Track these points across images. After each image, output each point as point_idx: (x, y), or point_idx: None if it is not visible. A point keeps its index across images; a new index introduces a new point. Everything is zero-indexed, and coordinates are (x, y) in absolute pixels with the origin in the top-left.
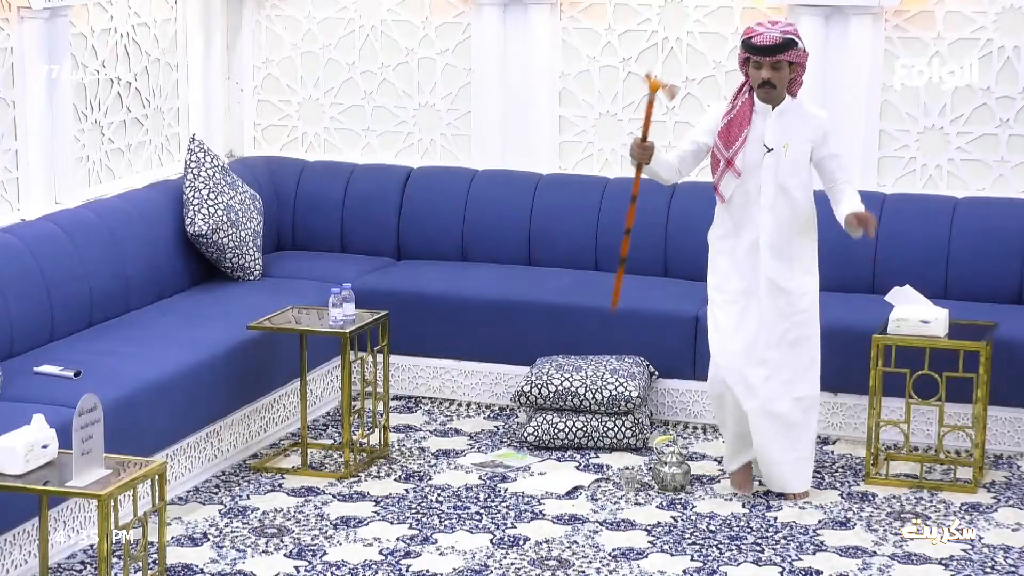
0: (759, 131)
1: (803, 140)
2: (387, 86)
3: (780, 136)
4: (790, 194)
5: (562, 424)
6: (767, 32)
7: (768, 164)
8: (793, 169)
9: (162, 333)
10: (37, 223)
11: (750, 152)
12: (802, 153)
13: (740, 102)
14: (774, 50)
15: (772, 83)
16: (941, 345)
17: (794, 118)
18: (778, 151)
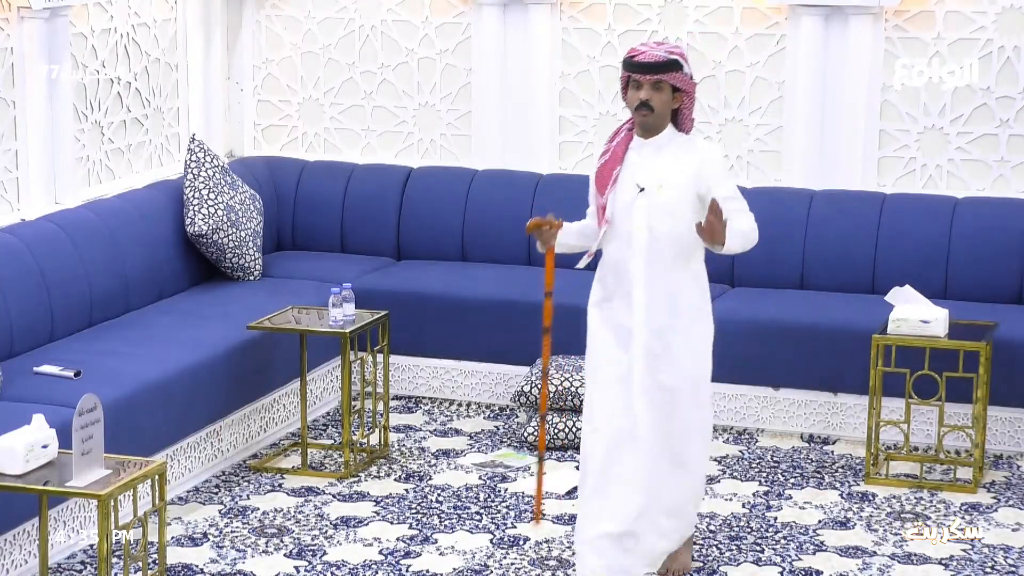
0: (632, 169)
1: (681, 178)
2: (387, 86)
3: (655, 174)
4: (668, 243)
5: (562, 424)
6: (650, 51)
7: (640, 206)
8: (669, 212)
9: (162, 333)
10: (37, 223)
11: (621, 193)
12: (681, 194)
13: (617, 140)
14: (656, 68)
15: (650, 105)
16: (941, 345)
17: (674, 154)
18: (650, 190)
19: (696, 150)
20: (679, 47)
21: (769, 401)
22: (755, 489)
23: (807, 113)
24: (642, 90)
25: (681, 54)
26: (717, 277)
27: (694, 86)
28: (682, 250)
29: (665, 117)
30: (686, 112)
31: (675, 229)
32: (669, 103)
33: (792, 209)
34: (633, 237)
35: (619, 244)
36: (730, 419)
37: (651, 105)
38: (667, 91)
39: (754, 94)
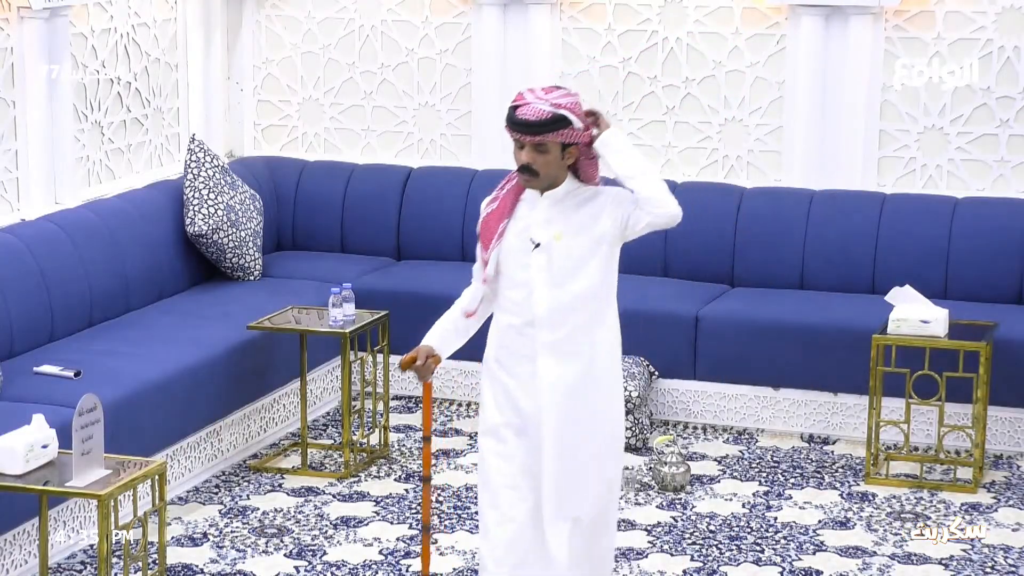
0: (524, 222)
1: (586, 224)
2: (387, 86)
3: (552, 224)
4: (572, 306)
5: None
6: (534, 103)
7: (537, 263)
8: (573, 265)
9: (162, 333)
10: (37, 223)
11: (511, 250)
12: (586, 244)
13: (507, 189)
14: (538, 128)
15: (534, 169)
16: (941, 345)
17: (574, 204)
18: (548, 245)
19: (599, 195)
20: (572, 96)
21: (769, 401)
22: (755, 489)
23: (807, 113)
24: (524, 151)
25: (570, 106)
26: (716, 277)
27: (589, 136)
28: (590, 315)
29: (557, 175)
30: (585, 164)
31: (580, 286)
32: (558, 163)
33: (792, 209)
34: (531, 302)
35: (512, 312)
36: (730, 419)
37: (535, 169)
38: (554, 151)
39: (754, 94)
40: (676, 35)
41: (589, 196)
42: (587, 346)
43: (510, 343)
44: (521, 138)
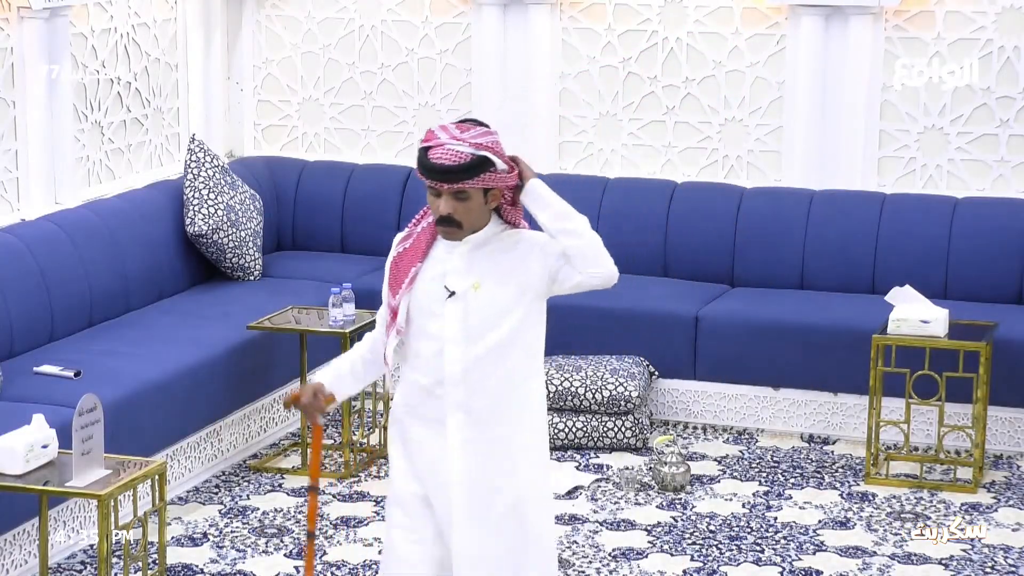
0: (440, 267)
1: (510, 272)
2: (387, 86)
3: (470, 271)
4: (491, 363)
5: (562, 424)
6: (450, 145)
7: (452, 315)
8: (492, 318)
9: (162, 333)
10: (37, 223)
11: (423, 298)
12: (508, 294)
13: (423, 226)
14: (458, 173)
15: (455, 220)
16: (941, 345)
17: (497, 249)
18: (465, 294)
19: (524, 241)
20: (491, 133)
21: (769, 401)
22: (755, 489)
23: (807, 113)
24: (442, 200)
25: (491, 146)
26: (716, 277)
27: (514, 176)
28: (509, 375)
29: (481, 221)
30: (509, 209)
31: (499, 343)
32: (481, 209)
33: (792, 209)
34: (443, 358)
35: (421, 370)
36: (730, 419)
37: (456, 220)
38: (476, 197)
39: (754, 94)
40: (676, 35)
41: (514, 240)
42: (504, 410)
43: (418, 404)
44: (438, 185)
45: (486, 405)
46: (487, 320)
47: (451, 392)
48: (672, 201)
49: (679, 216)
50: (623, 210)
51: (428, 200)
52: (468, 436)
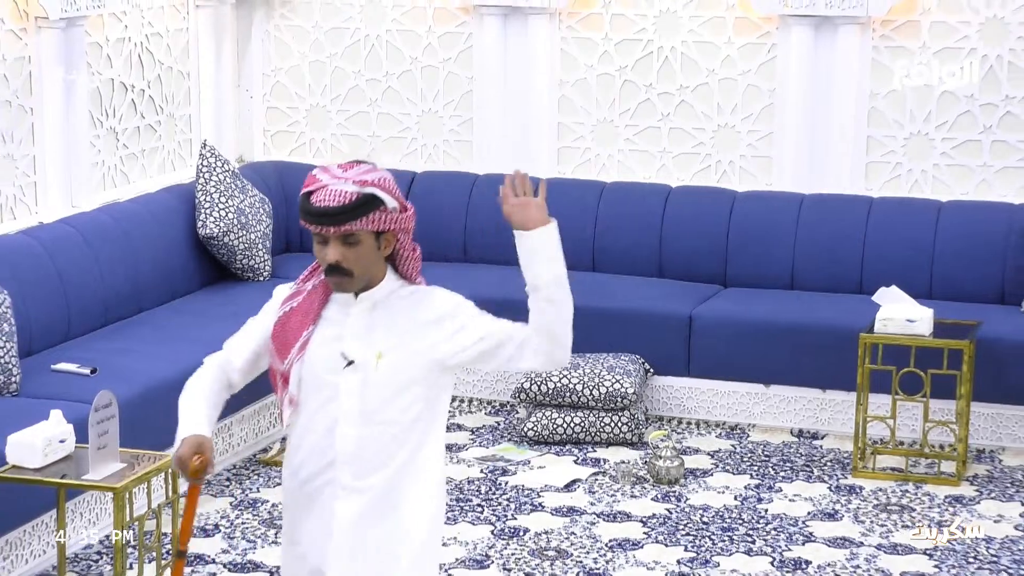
0: (335, 330)
1: (411, 342)
2: (392, 93)
3: (371, 337)
4: (390, 441)
5: (561, 419)
6: (333, 185)
7: (348, 388)
8: (393, 394)
9: (175, 332)
10: (55, 226)
11: (316, 366)
12: (416, 363)
13: (313, 282)
14: (344, 214)
15: (345, 268)
16: (926, 343)
17: (399, 309)
18: (365, 364)
19: (432, 302)
20: (377, 171)
21: (760, 397)
22: (747, 482)
23: (797, 119)
24: (329, 247)
25: (380, 183)
26: (710, 278)
27: (411, 218)
28: (409, 457)
29: (374, 271)
30: (405, 256)
31: (402, 419)
32: (373, 255)
33: (783, 212)
34: (336, 435)
35: (307, 449)
36: (722, 415)
37: (346, 269)
38: (367, 242)
39: (746, 101)
40: (671, 44)
41: (417, 300)
42: (399, 495)
43: (305, 482)
44: (323, 231)
45: (380, 490)
46: (387, 394)
47: (341, 474)
48: (667, 204)
49: (674, 219)
50: (620, 213)
51: (315, 251)
52: (358, 522)
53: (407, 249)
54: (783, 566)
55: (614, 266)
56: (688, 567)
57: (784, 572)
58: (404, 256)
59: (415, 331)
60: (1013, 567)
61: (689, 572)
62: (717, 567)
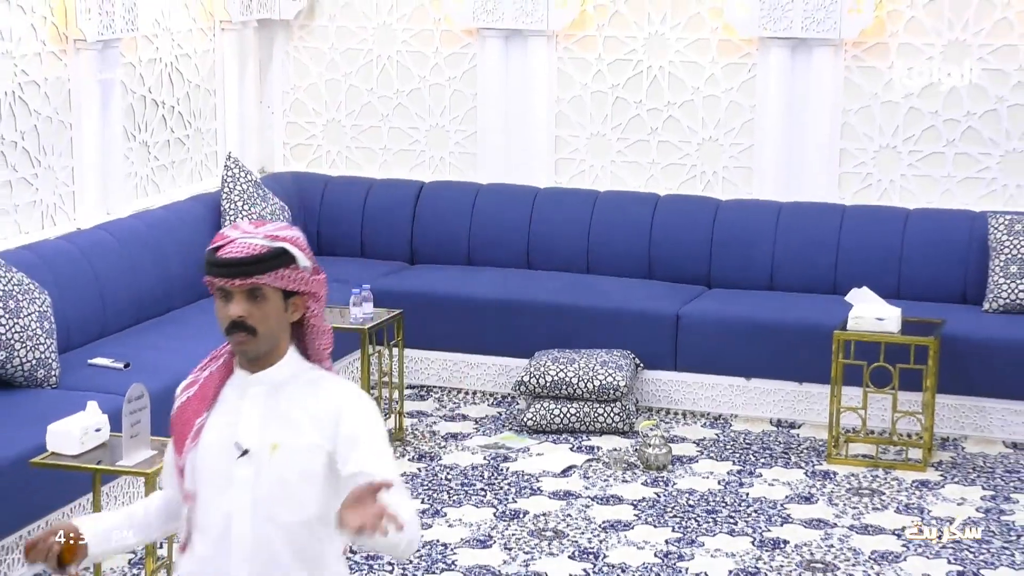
0: (230, 416)
1: (310, 435)
2: (401, 109)
3: (267, 424)
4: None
5: (558, 410)
6: (242, 239)
7: (242, 480)
8: (289, 490)
9: (202, 329)
10: (91, 232)
11: (212, 453)
12: (309, 460)
13: (211, 369)
14: (251, 265)
15: (248, 325)
16: (894, 340)
17: (299, 396)
18: (259, 454)
19: (333, 393)
20: (290, 228)
21: (742, 390)
22: (729, 468)
23: (776, 133)
24: (233, 302)
25: (293, 240)
26: (695, 279)
27: (323, 283)
28: (309, 553)
29: (280, 338)
30: (314, 327)
31: (300, 516)
32: (280, 317)
33: (762, 219)
34: (231, 531)
35: (205, 541)
36: (707, 406)
37: (250, 326)
38: (274, 300)
39: (728, 116)
40: (659, 64)
41: (323, 389)
42: None
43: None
44: (228, 284)
45: None
46: (283, 491)
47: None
48: (656, 212)
49: (662, 225)
50: (612, 220)
51: (216, 311)
52: None
53: (318, 322)
54: (763, 545)
55: (607, 268)
56: (675, 546)
57: (764, 551)
58: (314, 330)
59: (316, 420)
60: (975, 547)
61: (676, 551)
62: (702, 546)
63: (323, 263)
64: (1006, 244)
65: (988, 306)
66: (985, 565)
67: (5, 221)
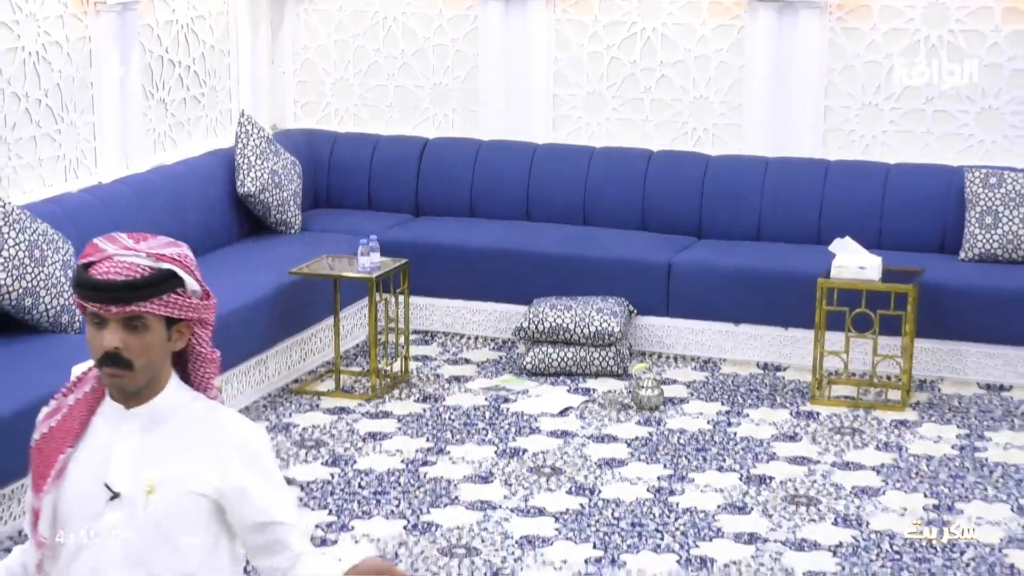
0: (100, 453)
1: (193, 476)
2: (406, 68)
3: (143, 463)
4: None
5: (555, 354)
6: (120, 256)
7: (111, 525)
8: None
9: (218, 278)
10: (112, 185)
11: (77, 496)
12: (191, 505)
13: (78, 394)
14: (130, 290)
15: (124, 358)
16: (875, 287)
17: (183, 431)
18: (132, 499)
19: (223, 427)
20: (176, 245)
21: (730, 335)
22: (718, 408)
23: (763, 92)
24: (107, 330)
25: (179, 258)
26: (686, 230)
27: (212, 308)
28: None
29: (157, 371)
30: (200, 354)
31: (180, 569)
32: (162, 347)
33: (750, 174)
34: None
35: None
36: (697, 350)
37: (126, 359)
38: (156, 329)
39: (718, 76)
40: (652, 26)
41: (210, 423)
42: None
43: None
44: (102, 309)
45: None
46: (159, 541)
47: None
48: (649, 166)
49: (655, 179)
50: (607, 174)
51: (87, 337)
52: None
53: (205, 349)
54: (750, 481)
55: (602, 220)
56: (667, 482)
57: (751, 486)
58: (200, 357)
59: (199, 459)
60: (950, 481)
61: (668, 487)
62: (692, 482)
63: (332, 215)
64: (981, 197)
65: (964, 255)
66: (959, 499)
67: (30, 175)
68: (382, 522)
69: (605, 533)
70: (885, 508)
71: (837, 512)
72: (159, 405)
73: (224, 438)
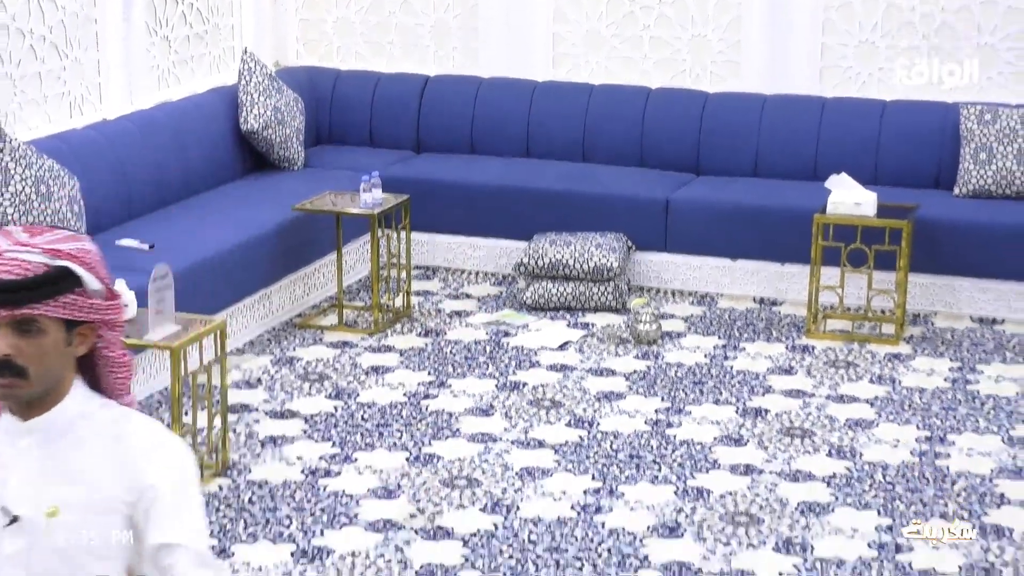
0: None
1: (101, 492)
2: (407, 6)
3: (43, 483)
4: None
5: (555, 289)
6: (12, 252)
7: (11, 555)
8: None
9: (221, 214)
10: (116, 122)
11: None
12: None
13: None
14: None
15: (17, 365)
16: (871, 223)
17: (89, 444)
18: (32, 523)
19: (135, 436)
20: (76, 239)
21: (728, 270)
22: (715, 343)
23: (761, 30)
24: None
25: (79, 254)
26: (684, 166)
27: (118, 309)
28: None
29: (57, 379)
30: (109, 359)
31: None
32: (61, 353)
33: (749, 110)
34: None
35: None
36: (695, 285)
37: (19, 366)
38: (54, 333)
39: (716, 13)
40: None
41: (119, 432)
42: None
43: None
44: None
45: None
46: (69, 567)
47: None
48: (647, 104)
49: (653, 116)
50: (606, 111)
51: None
52: None
53: (115, 352)
54: (746, 414)
55: (602, 157)
56: (664, 415)
57: (747, 419)
58: (109, 362)
59: (110, 477)
60: (942, 413)
61: (665, 419)
62: (689, 415)
63: (334, 152)
64: (976, 133)
65: (959, 191)
66: (951, 430)
67: (36, 111)
68: (384, 454)
69: (603, 465)
70: (878, 440)
71: (831, 444)
72: (60, 416)
73: (140, 446)
